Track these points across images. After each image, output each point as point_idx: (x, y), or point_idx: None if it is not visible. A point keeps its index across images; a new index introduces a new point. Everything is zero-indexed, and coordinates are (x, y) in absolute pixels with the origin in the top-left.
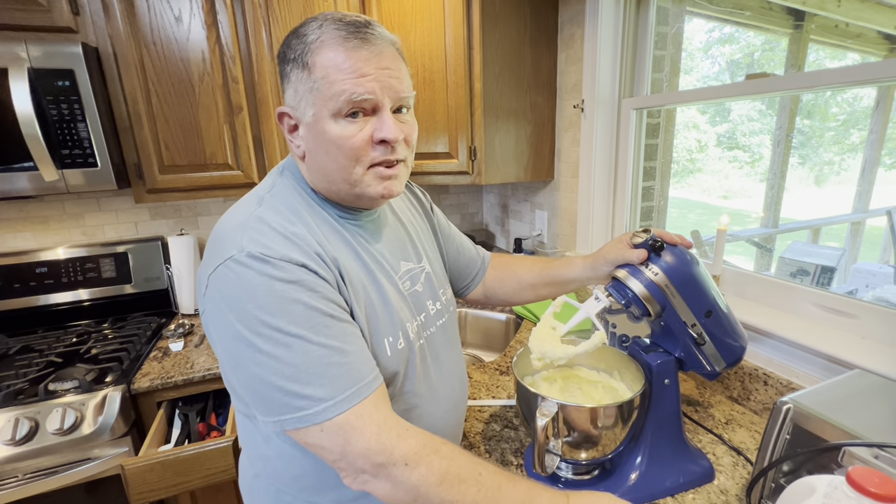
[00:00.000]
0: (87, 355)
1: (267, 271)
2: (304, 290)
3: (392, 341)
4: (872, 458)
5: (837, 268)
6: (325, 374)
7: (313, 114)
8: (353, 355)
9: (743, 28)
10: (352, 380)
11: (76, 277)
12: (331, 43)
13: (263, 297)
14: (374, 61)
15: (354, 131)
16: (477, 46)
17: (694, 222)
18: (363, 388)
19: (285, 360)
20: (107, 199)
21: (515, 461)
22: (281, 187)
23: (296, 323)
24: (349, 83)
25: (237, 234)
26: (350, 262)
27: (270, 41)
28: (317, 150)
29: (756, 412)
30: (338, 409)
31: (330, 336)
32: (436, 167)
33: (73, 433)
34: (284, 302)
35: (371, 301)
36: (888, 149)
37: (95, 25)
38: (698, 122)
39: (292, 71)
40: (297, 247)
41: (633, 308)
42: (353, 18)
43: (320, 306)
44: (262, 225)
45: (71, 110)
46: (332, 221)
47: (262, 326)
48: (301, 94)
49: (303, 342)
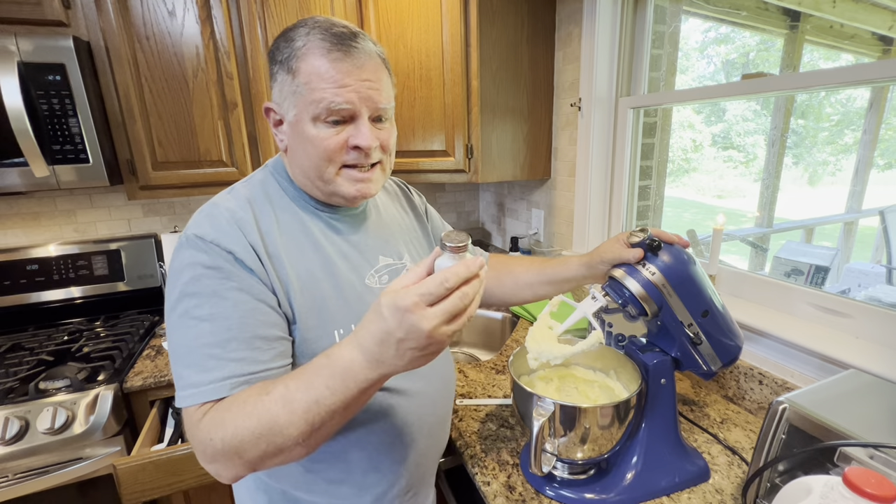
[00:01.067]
0: (78, 354)
1: (195, 254)
2: (219, 277)
3: (343, 333)
4: (868, 458)
5: (831, 267)
6: (200, 364)
7: (295, 114)
8: (235, 353)
9: (739, 28)
10: (216, 377)
11: (68, 275)
12: (315, 52)
13: (186, 276)
14: (355, 73)
15: (331, 134)
16: (474, 44)
17: (689, 221)
18: (220, 389)
19: (182, 341)
20: (99, 196)
21: (512, 460)
22: (257, 178)
23: (201, 306)
24: (329, 92)
25: (195, 218)
26: (300, 255)
27: (266, 37)
28: (296, 146)
29: (751, 411)
30: (196, 399)
31: (224, 328)
32: (432, 165)
33: (65, 432)
34: (198, 285)
35: (322, 293)
36: (881, 150)
37: (87, 19)
38: (693, 121)
39: (279, 72)
40: (233, 232)
41: (629, 307)
42: (340, 29)
43: (229, 296)
44: (214, 209)
45: (62, 105)
46: (300, 213)
47: (179, 304)
48: (285, 94)
49: (200, 326)
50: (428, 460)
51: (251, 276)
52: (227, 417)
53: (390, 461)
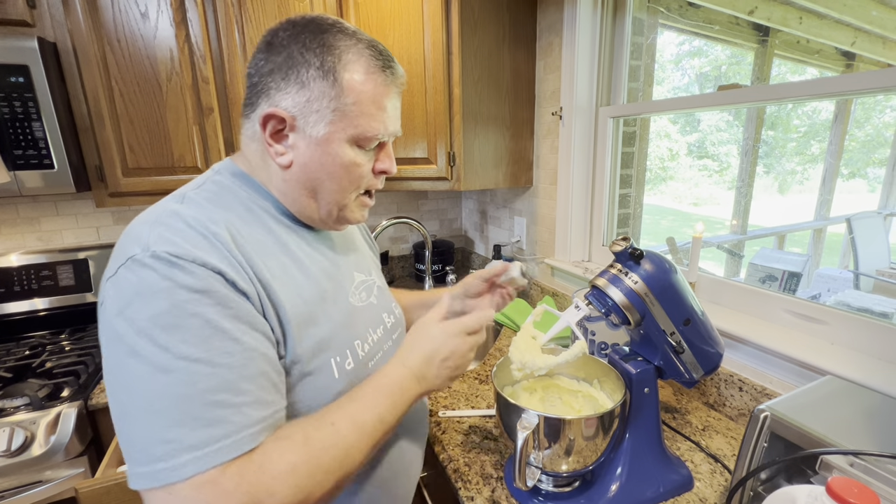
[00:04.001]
0: (40, 369)
1: (172, 275)
2: (212, 304)
3: (340, 361)
4: (848, 465)
5: (803, 273)
6: (203, 416)
7: (328, 131)
8: (248, 395)
9: (711, 42)
10: (236, 427)
11: (31, 286)
12: (367, 69)
13: (160, 306)
14: (395, 100)
15: (365, 161)
16: (456, 52)
17: (667, 228)
18: (244, 440)
19: (164, 390)
20: (65, 203)
21: (496, 474)
22: (213, 185)
23: (188, 342)
24: (379, 122)
25: (144, 231)
26: (284, 275)
27: (244, 41)
28: (315, 166)
29: (732, 418)
30: (206, 462)
31: (226, 366)
32: (414, 172)
33: (22, 454)
34: (183, 316)
35: (313, 318)
36: (845, 160)
37: (53, 19)
38: (670, 131)
39: (311, 78)
40: (215, 249)
41: (612, 316)
42: (381, 47)
43: (227, 326)
44: (175, 220)
45: (25, 108)
46: (276, 231)
47: (148, 342)
48: (317, 106)
49: (190, 368)
50: (408, 480)
51: (246, 304)
52: (278, 467)
53: (369, 482)
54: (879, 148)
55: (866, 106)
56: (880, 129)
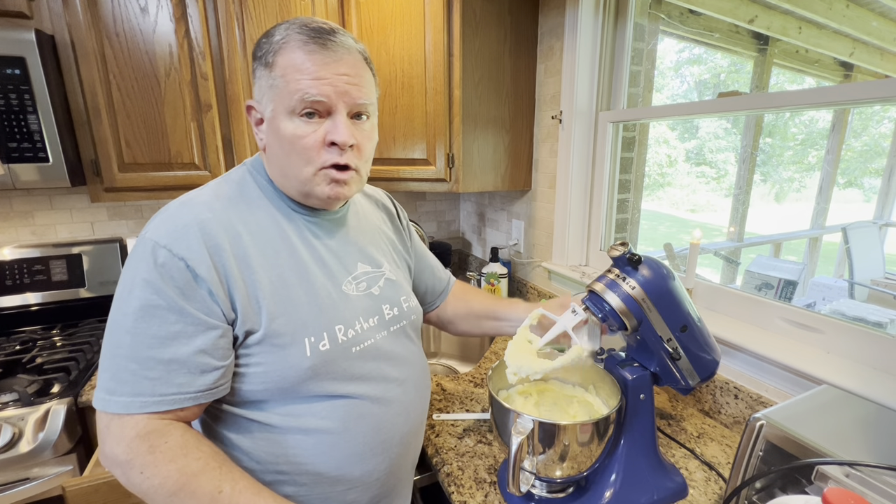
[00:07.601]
0: (30, 365)
1: (145, 255)
2: (158, 282)
3: (314, 342)
4: (844, 476)
5: (798, 281)
6: (117, 369)
7: (272, 109)
8: (167, 365)
9: (711, 50)
10: (137, 389)
11: (23, 280)
12: (293, 45)
13: (129, 276)
14: (332, 66)
15: (308, 131)
16: (457, 53)
17: (664, 234)
18: (146, 404)
19: (107, 341)
20: (60, 197)
21: (489, 478)
22: (234, 176)
23: (131, 309)
24: (304, 83)
25: (157, 217)
26: (274, 258)
27: (244, 38)
28: (274, 144)
29: (727, 425)
30: (108, 406)
31: (150, 335)
32: (413, 173)
33: (9, 451)
34: (136, 287)
35: (293, 299)
36: (841, 169)
37: (52, 12)
38: (668, 137)
39: (258, 68)
40: (190, 237)
41: (609, 321)
42: (319, 25)
43: (160, 302)
44: (180, 209)
45: (20, 100)
46: (276, 214)
47: (117, 302)
48: (263, 90)
49: (124, 328)
50: (402, 470)
51: (195, 287)
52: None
53: (361, 470)
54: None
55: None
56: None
